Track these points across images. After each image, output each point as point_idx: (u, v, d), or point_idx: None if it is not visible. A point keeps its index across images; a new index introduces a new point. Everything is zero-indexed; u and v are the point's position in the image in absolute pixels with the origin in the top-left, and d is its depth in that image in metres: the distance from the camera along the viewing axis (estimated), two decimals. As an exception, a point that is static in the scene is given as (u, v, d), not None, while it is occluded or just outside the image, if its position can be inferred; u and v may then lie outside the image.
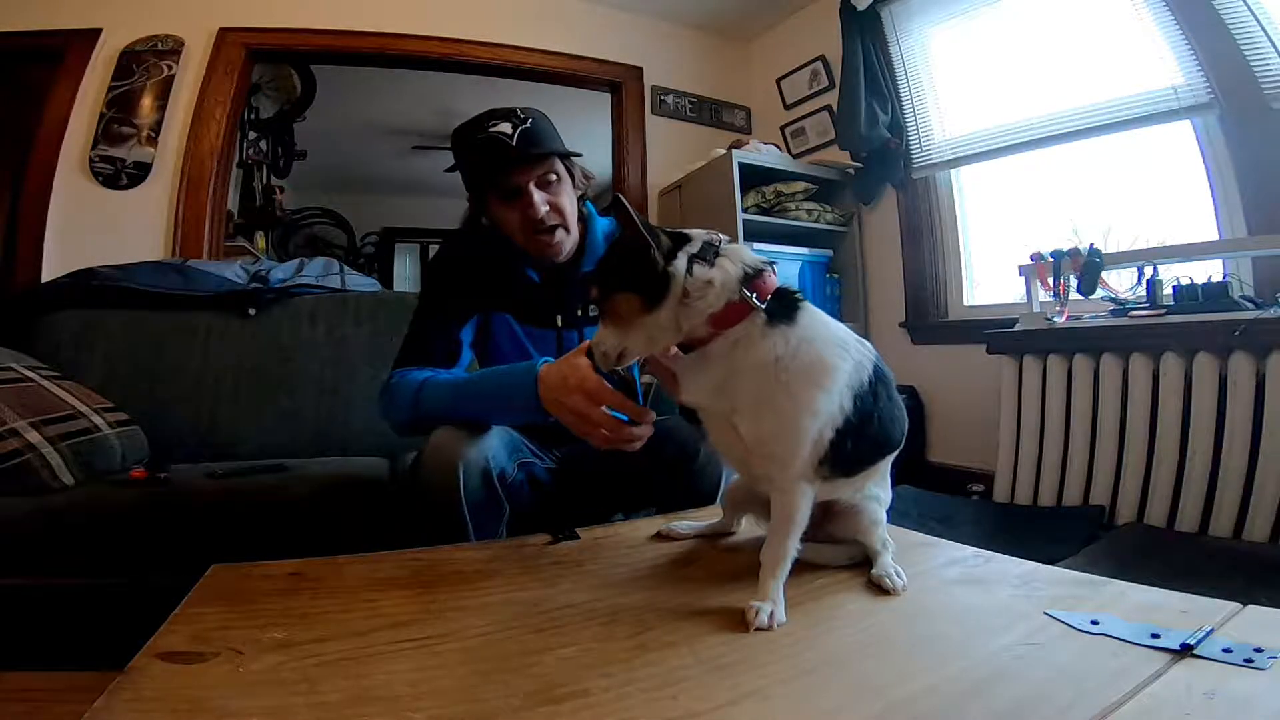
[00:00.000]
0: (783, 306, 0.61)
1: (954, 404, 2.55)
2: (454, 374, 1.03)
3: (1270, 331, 1.59)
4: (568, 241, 1.07)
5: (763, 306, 0.60)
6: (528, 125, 1.01)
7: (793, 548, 0.62)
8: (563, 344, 1.11)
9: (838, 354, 0.62)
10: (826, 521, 0.72)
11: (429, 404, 0.97)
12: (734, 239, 0.68)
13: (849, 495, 0.70)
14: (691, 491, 0.99)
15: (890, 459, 0.71)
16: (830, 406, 0.60)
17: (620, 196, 0.63)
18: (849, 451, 0.62)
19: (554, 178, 1.03)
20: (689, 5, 3.19)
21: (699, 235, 0.64)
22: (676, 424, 1.03)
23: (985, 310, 2.52)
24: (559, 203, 1.04)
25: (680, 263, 0.61)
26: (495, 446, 0.96)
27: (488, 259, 1.11)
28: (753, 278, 0.61)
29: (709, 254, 0.62)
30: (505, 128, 1.00)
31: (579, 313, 1.11)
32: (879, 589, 0.64)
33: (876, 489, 0.72)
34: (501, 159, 0.99)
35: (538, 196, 1.01)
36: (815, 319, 0.63)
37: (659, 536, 0.83)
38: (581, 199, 1.13)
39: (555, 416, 0.83)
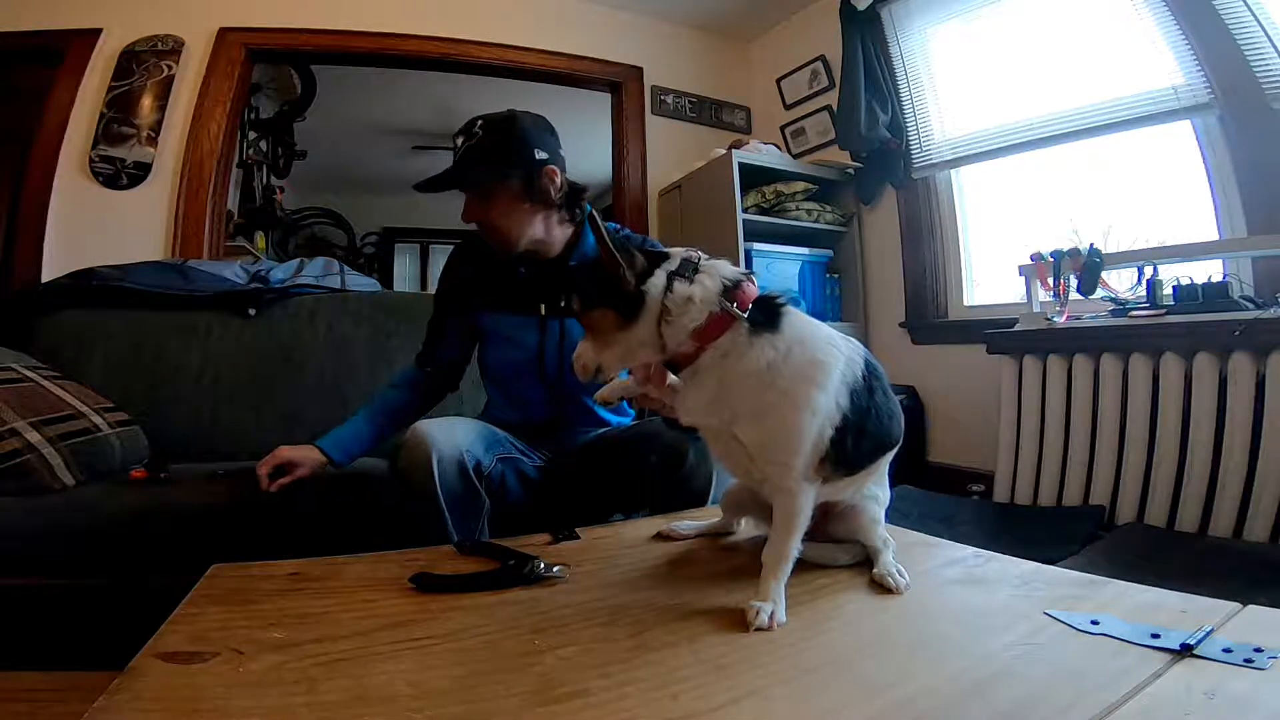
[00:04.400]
0: (765, 314, 0.62)
1: (954, 404, 2.55)
2: (424, 371, 1.23)
3: (1270, 331, 1.59)
4: (512, 246, 1.11)
5: (744, 316, 0.61)
6: (473, 143, 1.07)
7: (794, 549, 0.62)
8: (546, 331, 1.16)
9: (829, 351, 0.62)
10: (827, 522, 0.72)
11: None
12: (725, 250, 0.69)
13: (850, 495, 0.71)
14: (682, 493, 1.00)
15: (889, 457, 0.71)
16: (828, 403, 0.61)
17: (593, 214, 0.65)
18: (851, 449, 0.63)
19: (490, 195, 1.09)
20: (689, 5, 3.19)
21: (678, 253, 0.65)
22: (664, 426, 1.03)
23: (985, 310, 2.52)
24: (486, 216, 1.10)
25: (658, 280, 0.62)
26: (471, 439, 0.99)
27: (481, 258, 1.19)
28: (732, 289, 0.62)
29: (688, 270, 0.63)
30: (459, 141, 1.08)
31: (561, 304, 1.15)
32: (881, 588, 0.64)
33: (876, 488, 0.72)
34: (442, 177, 1.09)
35: (467, 209, 1.11)
36: (800, 322, 0.64)
37: (659, 537, 0.83)
38: (567, 204, 1.14)
39: None
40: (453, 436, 0.96)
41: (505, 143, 1.08)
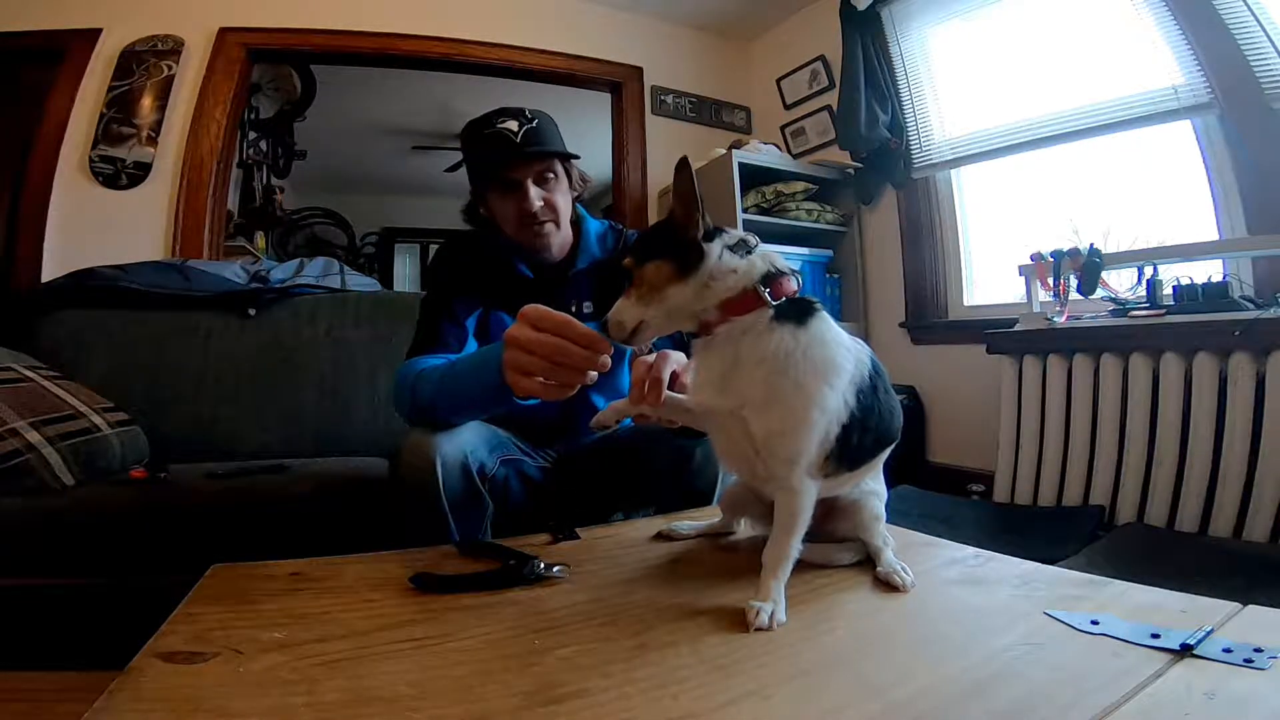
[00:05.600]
0: (798, 311, 0.63)
1: (954, 404, 2.55)
2: (447, 358, 1.02)
3: (1270, 331, 1.59)
4: (557, 236, 1.11)
5: (773, 304, 0.62)
6: (533, 125, 1.06)
7: (795, 548, 0.62)
8: None
9: (843, 355, 0.63)
10: (828, 520, 0.72)
11: (423, 389, 0.95)
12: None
13: (848, 491, 0.71)
14: (688, 492, 1.00)
15: (888, 452, 0.72)
16: (836, 402, 0.62)
17: (686, 159, 0.63)
18: (855, 446, 0.63)
19: (551, 176, 1.08)
20: (689, 5, 3.19)
21: (737, 233, 0.66)
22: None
23: (985, 310, 2.52)
24: (553, 199, 1.08)
25: (716, 245, 0.63)
26: (474, 442, 0.96)
27: (484, 258, 1.14)
28: (774, 277, 0.63)
29: (742, 249, 0.64)
30: (512, 125, 1.05)
31: (572, 309, 1.12)
32: (883, 587, 0.64)
33: (875, 484, 0.73)
34: (504, 153, 1.04)
35: (533, 191, 1.06)
36: (825, 326, 0.64)
37: (659, 537, 0.83)
38: (577, 199, 1.17)
39: (511, 376, 0.71)
40: (456, 439, 0.94)
41: (557, 131, 1.11)
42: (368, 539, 0.86)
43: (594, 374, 0.67)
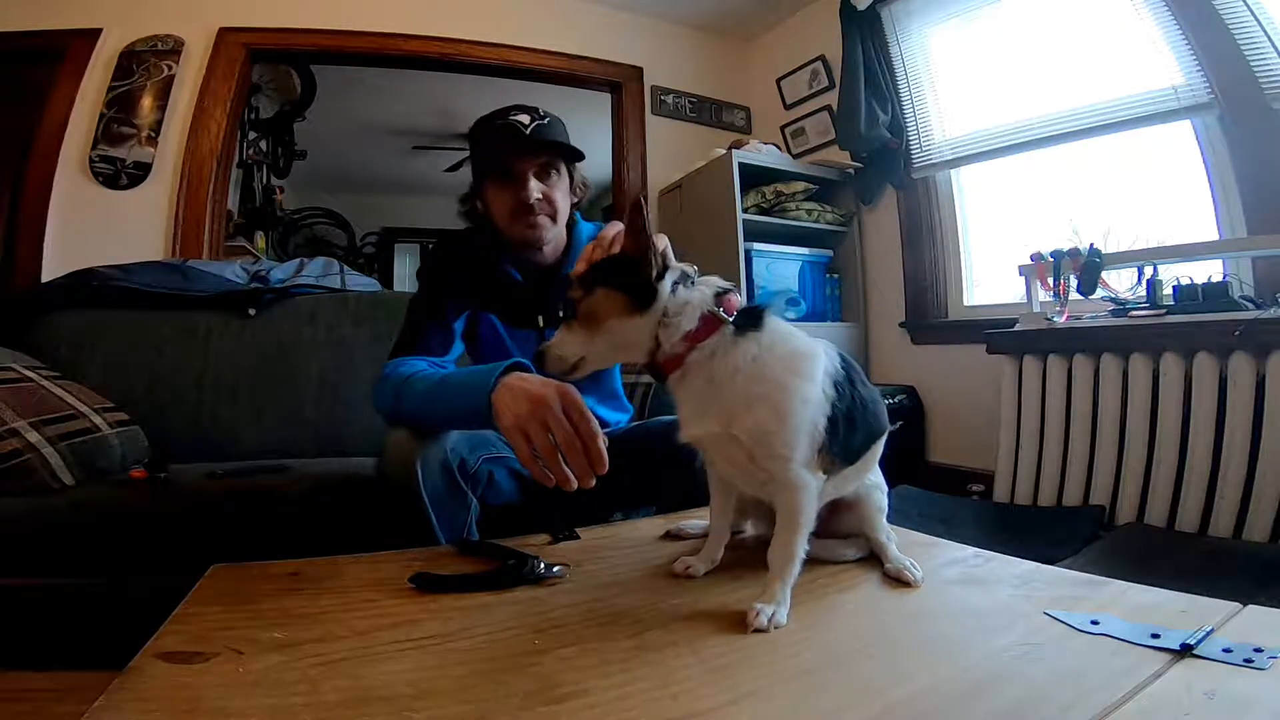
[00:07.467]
0: (749, 319, 0.65)
1: (954, 404, 2.55)
2: (437, 370, 1.02)
3: (1270, 331, 1.59)
4: (550, 231, 1.11)
5: (730, 320, 0.64)
6: (544, 122, 1.08)
7: (801, 548, 0.62)
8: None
9: (809, 345, 0.65)
10: (831, 518, 0.73)
11: (408, 398, 0.96)
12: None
13: (851, 488, 0.72)
14: (690, 491, 0.99)
15: (881, 444, 0.72)
16: (815, 392, 0.63)
17: (643, 198, 0.64)
18: (844, 437, 0.64)
19: (554, 172, 1.09)
20: (689, 5, 3.19)
21: (678, 265, 0.68)
22: (673, 424, 1.03)
23: (985, 310, 2.52)
24: (552, 194, 1.09)
25: (667, 283, 0.65)
26: (455, 439, 0.96)
27: (475, 259, 1.14)
28: (721, 296, 0.65)
29: (686, 281, 0.66)
30: (523, 119, 1.07)
31: (560, 313, 1.12)
32: (891, 583, 0.65)
33: (875, 477, 0.74)
34: (512, 142, 1.05)
35: (533, 183, 1.07)
36: (780, 324, 0.66)
37: (668, 536, 0.84)
38: (575, 206, 1.18)
39: (501, 417, 0.75)
40: (437, 437, 0.94)
41: (566, 133, 1.12)
42: (367, 539, 0.86)
43: (575, 483, 0.71)
